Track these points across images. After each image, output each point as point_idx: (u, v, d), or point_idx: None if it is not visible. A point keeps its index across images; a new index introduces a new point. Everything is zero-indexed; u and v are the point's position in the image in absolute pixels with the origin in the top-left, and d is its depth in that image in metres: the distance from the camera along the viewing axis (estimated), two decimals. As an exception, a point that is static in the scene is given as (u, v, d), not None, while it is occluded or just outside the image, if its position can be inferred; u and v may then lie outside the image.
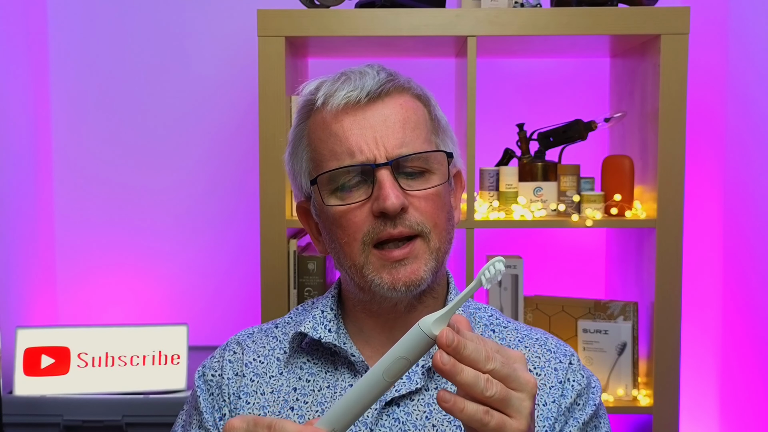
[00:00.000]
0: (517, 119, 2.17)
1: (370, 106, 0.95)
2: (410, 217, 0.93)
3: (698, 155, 2.19)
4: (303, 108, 1.01)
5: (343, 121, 0.95)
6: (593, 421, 1.01)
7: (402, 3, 1.76)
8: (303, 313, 1.09)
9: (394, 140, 0.94)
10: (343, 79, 0.97)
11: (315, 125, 0.98)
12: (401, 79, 0.99)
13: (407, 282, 0.93)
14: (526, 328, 1.06)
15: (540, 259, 2.23)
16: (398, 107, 0.96)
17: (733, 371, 2.13)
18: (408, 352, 0.71)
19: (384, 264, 0.93)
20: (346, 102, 0.95)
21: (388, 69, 1.00)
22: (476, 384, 0.70)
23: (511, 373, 0.72)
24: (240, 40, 2.19)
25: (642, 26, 1.72)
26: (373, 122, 0.94)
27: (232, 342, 1.08)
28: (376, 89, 0.95)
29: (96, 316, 2.23)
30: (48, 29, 2.18)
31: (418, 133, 0.96)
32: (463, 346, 0.70)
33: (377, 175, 0.93)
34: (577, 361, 1.03)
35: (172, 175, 2.22)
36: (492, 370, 0.71)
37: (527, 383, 0.72)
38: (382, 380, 0.72)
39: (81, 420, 1.74)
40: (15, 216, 2.00)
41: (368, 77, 0.96)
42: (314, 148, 0.98)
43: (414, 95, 0.99)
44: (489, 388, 0.71)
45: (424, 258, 0.94)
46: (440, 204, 0.96)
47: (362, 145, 0.93)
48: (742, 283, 2.08)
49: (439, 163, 0.97)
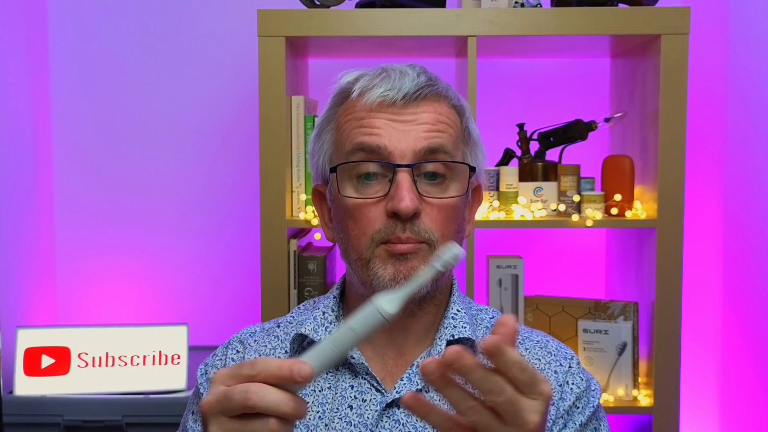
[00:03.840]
0: (517, 119, 2.18)
1: (405, 107, 0.95)
2: (420, 223, 0.93)
3: (698, 155, 2.19)
4: (338, 95, 1.01)
5: (375, 116, 0.95)
6: (592, 423, 1.00)
7: (402, 3, 1.76)
8: (305, 312, 1.08)
9: (421, 142, 0.94)
10: (383, 75, 0.96)
11: (346, 113, 0.98)
12: (440, 86, 0.98)
13: (407, 276, 0.93)
14: (527, 330, 1.06)
15: (540, 259, 2.23)
16: (432, 111, 0.96)
17: (733, 371, 2.13)
18: (357, 324, 0.71)
19: (390, 256, 0.93)
20: (381, 100, 0.95)
21: (430, 73, 0.99)
22: (458, 405, 0.69)
23: (512, 411, 0.68)
24: (240, 40, 2.19)
25: (642, 26, 1.72)
26: (403, 121, 0.94)
27: (235, 340, 1.08)
28: (414, 92, 0.95)
29: (96, 316, 2.23)
30: (48, 29, 2.18)
31: (447, 137, 0.96)
32: (468, 371, 0.67)
33: (397, 175, 0.93)
34: (577, 364, 1.03)
35: (172, 175, 2.22)
36: (493, 403, 0.68)
37: (524, 423, 0.68)
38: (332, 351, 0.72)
39: (81, 420, 1.74)
40: (15, 216, 2.00)
41: (407, 78, 0.95)
42: (340, 134, 0.98)
43: (450, 104, 0.99)
44: (470, 414, 0.68)
45: (425, 260, 0.94)
46: (453, 215, 0.96)
47: (388, 143, 0.93)
48: (742, 283, 2.08)
49: (460, 174, 0.97)
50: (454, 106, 0.99)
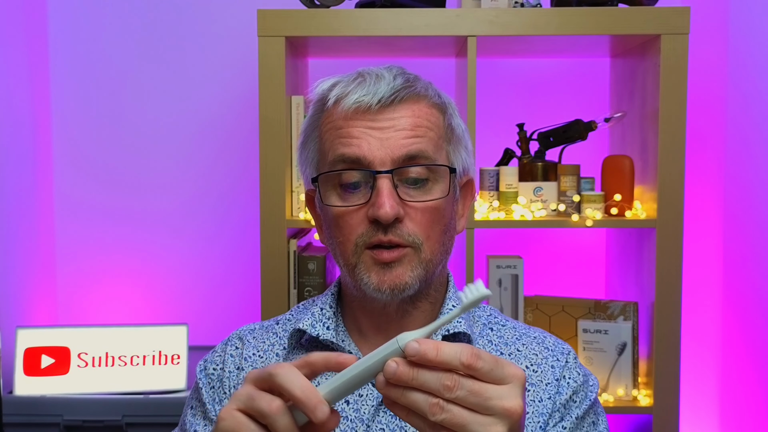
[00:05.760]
0: (517, 119, 2.18)
1: (382, 111, 0.94)
2: (404, 227, 0.93)
3: (698, 155, 2.19)
4: (316, 103, 1.01)
5: (353, 124, 0.94)
6: (590, 417, 1.01)
7: (402, 3, 1.76)
8: (303, 310, 1.09)
9: (399, 150, 0.93)
10: (358, 81, 0.96)
11: (326, 122, 0.98)
12: (418, 87, 0.97)
13: (392, 285, 0.93)
14: (525, 327, 1.07)
15: (540, 259, 2.23)
16: (410, 114, 0.95)
17: (732, 371, 2.13)
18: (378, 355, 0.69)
19: (374, 263, 0.94)
20: (357, 106, 0.94)
21: (408, 74, 0.98)
22: (419, 409, 0.68)
23: (480, 402, 0.67)
24: (240, 40, 2.19)
25: (642, 26, 1.72)
26: (381, 128, 0.94)
27: (234, 337, 1.08)
28: (389, 96, 0.94)
29: (96, 316, 2.23)
30: (48, 29, 2.18)
31: (428, 140, 0.95)
32: (410, 378, 0.67)
33: (377, 182, 0.92)
34: (574, 359, 1.03)
35: (172, 174, 2.22)
36: (454, 398, 0.67)
37: (503, 410, 0.67)
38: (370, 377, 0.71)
39: (81, 420, 1.74)
40: (15, 216, 2.00)
41: (383, 82, 0.94)
42: (323, 144, 0.98)
43: (430, 103, 0.97)
44: (435, 413, 0.67)
45: (411, 264, 0.94)
46: (437, 217, 0.95)
47: (367, 153, 0.93)
48: (741, 283, 2.08)
49: (443, 176, 0.96)
50: (435, 105, 0.98)
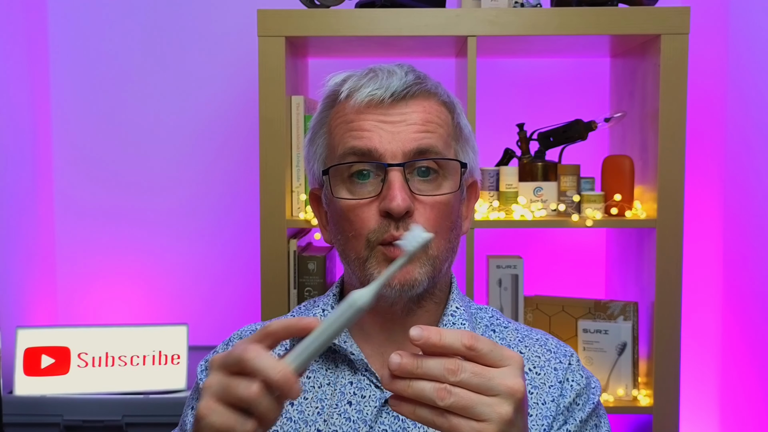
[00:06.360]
0: (517, 119, 2.18)
1: (393, 106, 0.95)
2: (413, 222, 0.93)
3: (698, 155, 2.19)
4: (327, 98, 1.01)
5: (364, 117, 0.95)
6: (592, 420, 1.01)
7: (402, 3, 1.76)
8: (305, 311, 1.09)
9: (410, 143, 0.94)
10: (370, 75, 0.97)
11: (336, 116, 0.99)
12: (429, 84, 0.99)
13: (401, 281, 0.93)
14: (527, 329, 1.07)
15: (540, 259, 2.23)
16: (421, 109, 0.96)
17: (733, 371, 2.13)
18: (338, 320, 0.71)
19: (386, 260, 0.94)
20: (369, 99, 0.95)
21: (418, 71, 0.99)
22: (426, 397, 0.69)
23: (484, 383, 0.69)
24: (240, 40, 2.19)
25: (642, 26, 1.72)
26: (392, 121, 0.95)
27: (235, 337, 1.08)
28: (402, 91, 0.95)
29: (96, 316, 2.23)
30: (48, 29, 2.18)
31: (438, 136, 0.96)
32: (415, 367, 0.70)
33: (389, 174, 0.93)
34: (577, 362, 1.03)
35: (172, 174, 2.22)
36: (459, 381, 0.69)
37: (507, 389, 0.70)
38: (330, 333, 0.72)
39: (81, 420, 1.74)
40: (15, 216, 2.00)
41: (395, 77, 0.96)
42: (332, 138, 0.99)
43: (440, 101, 0.99)
44: (443, 398, 0.69)
45: (420, 261, 0.94)
46: (446, 212, 0.96)
47: (378, 145, 0.94)
48: (741, 283, 2.08)
49: (452, 171, 0.97)
50: (444, 103, 0.99)
